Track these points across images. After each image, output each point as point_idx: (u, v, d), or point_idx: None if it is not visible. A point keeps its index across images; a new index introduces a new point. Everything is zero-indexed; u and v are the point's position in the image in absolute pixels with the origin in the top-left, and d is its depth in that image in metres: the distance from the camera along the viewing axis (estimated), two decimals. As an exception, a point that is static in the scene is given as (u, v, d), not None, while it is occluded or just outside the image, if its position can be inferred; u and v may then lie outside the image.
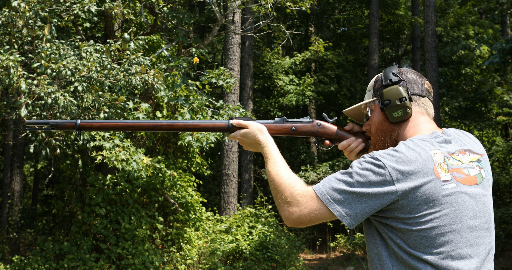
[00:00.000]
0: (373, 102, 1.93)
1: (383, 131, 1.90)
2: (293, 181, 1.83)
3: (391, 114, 1.86)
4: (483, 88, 17.23)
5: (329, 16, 19.14)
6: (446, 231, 1.66)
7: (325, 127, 2.12)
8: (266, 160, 1.95)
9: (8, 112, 7.45)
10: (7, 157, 14.42)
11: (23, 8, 6.35)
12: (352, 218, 1.70)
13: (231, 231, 10.43)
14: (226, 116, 8.13)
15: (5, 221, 13.24)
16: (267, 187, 17.02)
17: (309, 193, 1.76)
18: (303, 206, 1.75)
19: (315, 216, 1.74)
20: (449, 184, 1.69)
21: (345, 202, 1.70)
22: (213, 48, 21.26)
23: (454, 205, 1.68)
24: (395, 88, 1.86)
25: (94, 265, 8.59)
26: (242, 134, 2.08)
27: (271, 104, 16.51)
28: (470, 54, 17.65)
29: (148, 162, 7.54)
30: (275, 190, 1.84)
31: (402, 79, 1.89)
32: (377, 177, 1.67)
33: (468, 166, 1.77)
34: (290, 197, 1.78)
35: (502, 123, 17.43)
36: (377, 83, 1.94)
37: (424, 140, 1.77)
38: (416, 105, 1.88)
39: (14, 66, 5.97)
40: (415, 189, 1.66)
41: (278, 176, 1.86)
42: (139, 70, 6.80)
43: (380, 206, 1.68)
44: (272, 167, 1.90)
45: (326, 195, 1.72)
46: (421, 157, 1.70)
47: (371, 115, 1.94)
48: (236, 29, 12.10)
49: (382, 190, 1.66)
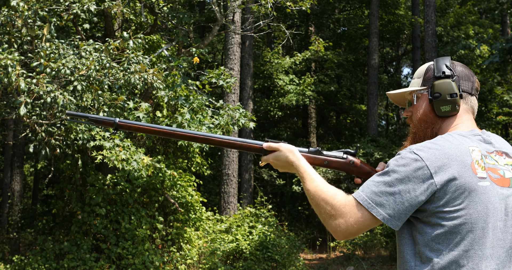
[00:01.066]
0: (421, 90, 1.90)
1: (426, 122, 1.87)
2: (333, 193, 1.79)
3: (438, 107, 1.84)
4: (483, 88, 17.21)
5: (329, 16, 19.14)
6: (475, 228, 1.65)
7: (358, 167, 2.10)
8: (302, 179, 1.91)
9: (8, 112, 7.45)
10: (7, 157, 14.42)
11: (22, 7, 6.34)
12: (396, 219, 1.67)
13: (231, 231, 10.42)
14: (226, 116, 8.13)
15: (5, 221, 13.24)
16: (267, 187, 17.02)
17: (351, 201, 1.73)
18: (348, 216, 1.72)
19: (362, 224, 1.71)
20: (484, 182, 1.69)
21: (386, 203, 1.67)
22: (213, 48, 21.26)
23: (486, 204, 1.67)
24: (448, 82, 1.83)
25: (94, 265, 8.58)
26: (274, 157, 2.03)
27: (271, 104, 16.50)
28: (470, 54, 17.64)
29: (149, 162, 7.53)
30: (318, 206, 1.80)
31: (455, 74, 1.86)
32: (416, 171, 1.65)
33: (504, 168, 1.77)
34: (333, 209, 1.75)
35: (502, 123, 17.41)
36: (429, 72, 1.90)
37: (463, 135, 1.77)
38: (464, 103, 1.86)
39: (13, 65, 5.96)
40: (451, 181, 1.64)
41: (318, 192, 1.82)
42: (138, 69, 6.79)
43: (422, 201, 1.66)
44: (310, 185, 1.86)
45: (367, 200, 1.70)
46: (460, 151, 1.69)
47: (417, 103, 1.90)
48: (236, 29, 12.09)
49: (422, 184, 1.65)
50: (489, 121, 17.14)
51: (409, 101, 1.95)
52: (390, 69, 23.60)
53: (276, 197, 17.40)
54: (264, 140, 2.10)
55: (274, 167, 2.07)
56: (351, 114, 19.36)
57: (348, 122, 19.94)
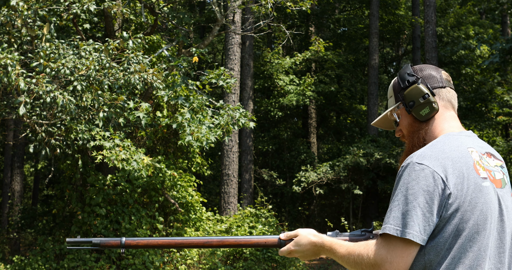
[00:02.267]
0: (397, 107, 1.91)
1: (414, 132, 1.88)
2: (364, 245, 1.73)
3: (418, 113, 1.84)
4: (483, 88, 17.22)
5: (329, 16, 19.14)
6: (481, 229, 1.65)
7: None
8: (333, 251, 1.82)
9: (8, 112, 7.45)
10: (7, 157, 14.42)
11: (22, 7, 6.33)
12: (423, 233, 1.62)
13: (231, 231, 10.42)
14: (226, 116, 8.12)
15: (5, 221, 13.23)
16: (267, 187, 17.01)
17: (382, 241, 1.67)
18: (389, 256, 1.64)
19: (406, 256, 1.63)
20: (486, 182, 1.69)
21: (410, 221, 1.61)
22: (213, 48, 21.26)
23: (489, 204, 1.67)
24: (414, 87, 1.84)
25: (94, 265, 8.58)
26: (295, 244, 1.92)
27: (271, 104, 16.50)
28: (470, 54, 17.63)
29: (149, 162, 7.53)
30: (358, 264, 1.72)
31: (419, 76, 1.87)
32: (427, 180, 1.63)
33: (494, 169, 1.77)
34: (371, 258, 1.67)
35: (503, 123, 17.40)
36: (396, 87, 1.92)
37: (458, 136, 1.77)
38: (440, 99, 1.85)
39: (13, 65, 5.96)
40: (459, 183, 1.64)
41: (351, 252, 1.75)
42: (138, 69, 6.79)
43: (441, 208, 1.62)
44: (342, 251, 1.79)
45: (395, 227, 1.63)
46: (460, 152, 1.69)
47: (400, 120, 1.91)
48: (236, 29, 12.09)
49: (437, 190, 1.62)
50: (489, 121, 17.13)
51: (395, 121, 1.95)
52: (390, 69, 23.60)
53: (276, 197, 17.39)
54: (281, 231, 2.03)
55: (296, 255, 1.94)
56: (351, 114, 19.36)
57: (348, 122, 19.93)
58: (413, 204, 1.62)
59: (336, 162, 14.58)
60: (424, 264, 1.66)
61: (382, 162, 14.14)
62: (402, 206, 1.64)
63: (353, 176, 14.92)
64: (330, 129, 20.37)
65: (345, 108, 18.86)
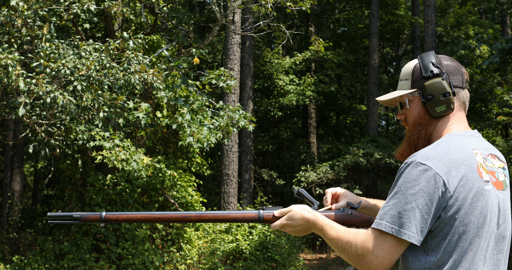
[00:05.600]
0: (412, 93, 1.83)
1: (421, 125, 1.82)
2: (354, 233, 1.72)
3: (433, 108, 1.77)
4: (483, 88, 17.21)
5: (329, 16, 19.14)
6: (480, 232, 1.64)
7: (357, 216, 2.01)
8: (323, 231, 1.81)
9: (7, 112, 7.44)
10: (7, 157, 14.42)
11: (22, 7, 6.33)
12: (420, 234, 1.61)
13: (231, 231, 10.42)
14: (226, 117, 8.12)
15: (5, 221, 13.23)
16: (267, 187, 17.01)
17: (373, 234, 1.66)
18: (376, 250, 1.63)
19: (393, 252, 1.63)
20: (488, 185, 1.67)
21: (408, 222, 1.60)
22: (213, 48, 21.25)
23: (490, 208, 1.66)
24: (438, 82, 1.76)
25: (94, 265, 8.58)
26: (288, 217, 1.91)
27: (271, 104, 16.50)
28: (470, 54, 17.63)
29: (148, 162, 7.53)
30: (344, 251, 1.72)
31: (444, 70, 1.79)
32: (428, 182, 1.61)
33: (498, 171, 1.75)
34: (359, 249, 1.67)
35: (502, 123, 17.40)
36: (416, 73, 1.82)
37: (462, 136, 1.74)
38: (457, 99, 1.80)
39: (13, 65, 5.96)
40: (461, 186, 1.62)
41: (340, 237, 1.74)
42: (138, 69, 6.79)
43: (439, 210, 1.61)
44: (331, 233, 1.78)
45: (390, 225, 1.62)
46: (464, 154, 1.67)
47: (410, 106, 1.83)
48: (236, 29, 12.09)
49: (438, 192, 1.60)
50: (489, 121, 17.13)
51: (401, 103, 1.88)
52: (390, 69, 23.60)
53: (276, 197, 17.40)
54: (259, 208, 2.00)
55: (288, 230, 1.93)
56: (351, 114, 19.36)
57: (348, 122, 19.93)
58: (412, 204, 1.61)
59: (336, 162, 14.59)
60: (424, 264, 1.66)
61: (382, 162, 14.15)
62: (400, 205, 1.62)
63: (353, 176, 14.93)
64: (330, 129, 20.37)
65: (345, 108, 18.86)
